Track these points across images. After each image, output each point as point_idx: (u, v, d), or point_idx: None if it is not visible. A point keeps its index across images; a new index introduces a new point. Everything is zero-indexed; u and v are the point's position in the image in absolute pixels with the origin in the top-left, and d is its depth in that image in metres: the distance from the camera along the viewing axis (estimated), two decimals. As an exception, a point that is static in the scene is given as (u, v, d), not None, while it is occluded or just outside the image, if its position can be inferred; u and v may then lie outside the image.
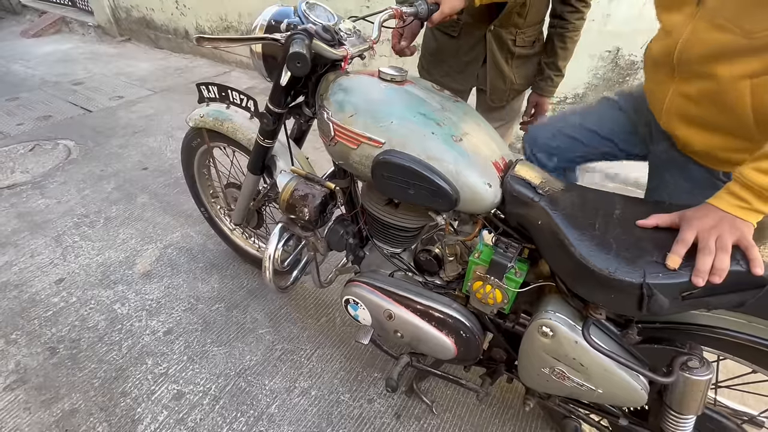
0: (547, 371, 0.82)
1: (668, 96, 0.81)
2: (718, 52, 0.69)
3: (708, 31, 0.69)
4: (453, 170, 0.78)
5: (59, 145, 2.62)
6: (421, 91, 0.88)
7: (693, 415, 0.75)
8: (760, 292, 0.59)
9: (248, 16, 3.66)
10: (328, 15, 0.93)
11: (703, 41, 0.70)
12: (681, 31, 0.74)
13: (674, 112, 0.82)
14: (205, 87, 1.14)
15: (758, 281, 0.59)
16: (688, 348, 0.71)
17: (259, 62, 0.99)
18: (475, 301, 0.91)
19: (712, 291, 0.62)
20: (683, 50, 0.74)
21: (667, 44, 0.77)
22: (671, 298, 0.64)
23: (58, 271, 1.69)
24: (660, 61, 0.81)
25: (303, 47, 0.79)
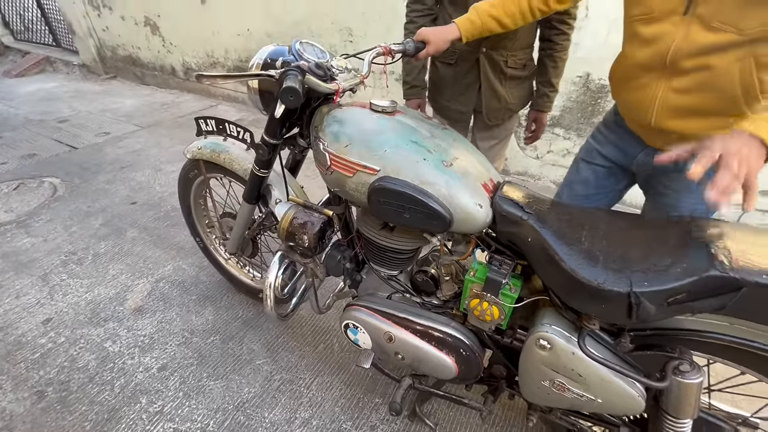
0: (548, 384, 0.84)
1: (659, 95, 0.89)
2: (713, 48, 0.78)
3: (703, 33, 0.78)
4: (445, 193, 0.82)
5: (44, 183, 2.59)
6: (411, 121, 0.93)
7: (689, 418, 0.77)
8: (737, 295, 0.64)
9: (234, 52, 3.77)
10: (321, 53, 0.99)
11: (697, 42, 0.79)
12: (672, 36, 0.82)
13: (667, 108, 0.89)
14: (203, 120, 1.18)
15: (736, 284, 0.64)
16: (678, 352, 0.75)
17: (256, 97, 1.04)
18: (473, 319, 0.93)
19: (695, 296, 0.67)
20: (678, 51, 0.82)
21: (657, 49, 0.85)
22: (657, 304, 0.68)
23: (46, 311, 1.65)
24: (649, 65, 0.89)
25: (296, 82, 0.84)
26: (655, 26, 0.85)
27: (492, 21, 1.07)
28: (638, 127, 1.02)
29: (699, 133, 0.89)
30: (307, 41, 0.98)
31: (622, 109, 1.05)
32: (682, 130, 0.91)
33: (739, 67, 0.78)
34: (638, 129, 1.02)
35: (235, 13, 3.48)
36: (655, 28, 0.85)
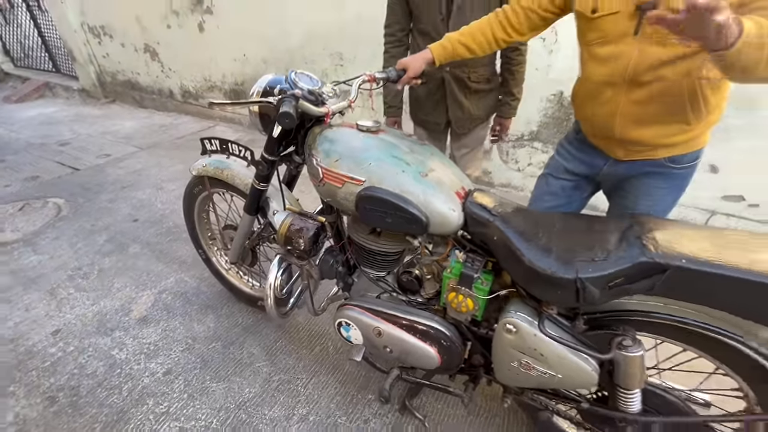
0: (516, 365, 0.95)
1: (620, 108, 1.02)
2: (665, 61, 0.91)
3: (656, 48, 0.91)
4: (422, 200, 0.96)
5: (49, 204, 2.70)
6: (393, 138, 1.07)
7: (637, 389, 0.89)
8: (663, 277, 0.77)
9: (231, 76, 3.94)
10: (314, 81, 1.14)
11: (652, 56, 0.92)
12: (630, 54, 0.95)
13: (628, 119, 1.02)
14: (208, 141, 1.31)
15: (661, 267, 0.77)
16: (622, 331, 0.87)
17: (256, 119, 1.17)
18: (452, 311, 1.05)
19: (630, 279, 0.79)
20: (636, 66, 0.95)
21: (616, 66, 0.98)
22: (600, 288, 0.81)
23: (54, 323, 1.73)
24: (610, 81, 1.01)
25: (290, 108, 0.98)
26: (611, 47, 0.99)
27: (461, 47, 1.22)
28: (602, 140, 1.14)
29: (656, 141, 1.03)
30: (302, 71, 1.13)
31: (586, 126, 1.19)
32: (642, 138, 1.04)
33: (686, 78, 0.92)
34: (602, 142, 1.15)
35: (232, 40, 3.68)
36: (612, 49, 0.98)
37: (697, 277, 0.74)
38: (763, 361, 0.78)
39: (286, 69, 3.26)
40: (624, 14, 0.93)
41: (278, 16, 3.27)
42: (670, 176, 1.09)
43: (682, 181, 1.13)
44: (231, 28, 3.63)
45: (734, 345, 0.80)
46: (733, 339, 0.79)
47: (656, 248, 0.78)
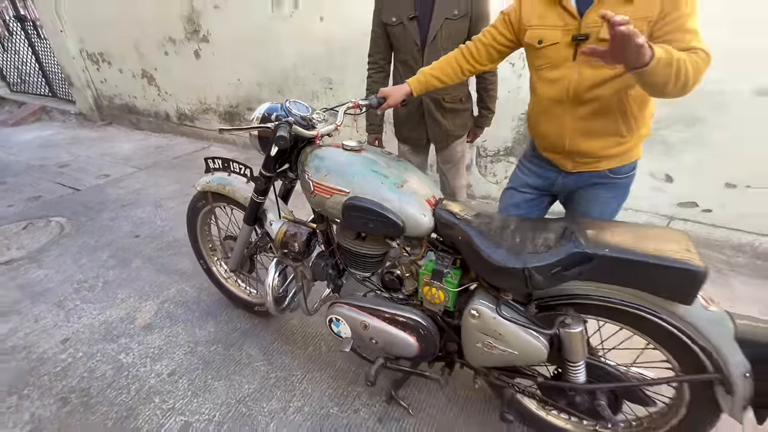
0: (481, 345, 1.12)
1: (567, 123, 1.21)
2: (599, 82, 1.11)
3: (590, 71, 1.11)
4: (399, 207, 1.13)
5: (52, 222, 2.82)
6: (373, 156, 1.25)
7: (580, 360, 1.06)
8: (589, 264, 0.95)
9: (225, 99, 4.15)
10: (305, 108, 1.32)
11: (588, 78, 1.12)
12: (570, 77, 1.14)
13: (576, 133, 1.21)
14: (212, 160, 1.49)
15: (588, 256, 0.95)
16: (564, 311, 1.05)
17: (256, 141, 1.35)
18: (427, 303, 1.22)
19: (566, 267, 0.97)
20: (576, 86, 1.14)
21: (561, 87, 1.17)
22: (543, 275, 0.98)
23: (63, 332, 1.85)
24: (558, 99, 1.20)
25: (285, 132, 1.16)
26: (556, 71, 1.18)
27: (434, 79, 1.43)
28: (554, 154, 1.33)
29: (599, 153, 1.22)
30: (295, 100, 1.32)
31: (540, 142, 1.38)
32: (587, 150, 1.22)
33: (617, 97, 1.12)
34: (554, 156, 1.34)
35: (227, 65, 3.90)
36: (557, 72, 1.18)
37: (617, 263, 0.92)
38: (676, 331, 0.96)
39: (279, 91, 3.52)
40: (563, 44, 1.13)
41: (271, 45, 3.50)
42: (613, 186, 1.29)
43: (624, 189, 1.33)
44: (226, 55, 3.85)
45: (653, 319, 0.98)
46: (650, 314, 0.97)
47: (586, 241, 0.96)
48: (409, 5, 1.64)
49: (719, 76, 2.06)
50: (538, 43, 1.18)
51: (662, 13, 0.98)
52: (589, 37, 1.08)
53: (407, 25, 1.66)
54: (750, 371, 0.91)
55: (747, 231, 2.30)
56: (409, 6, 1.64)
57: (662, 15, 0.98)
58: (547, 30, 1.15)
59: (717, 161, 2.22)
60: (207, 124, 4.49)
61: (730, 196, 2.26)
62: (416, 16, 1.64)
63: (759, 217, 2.24)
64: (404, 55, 1.76)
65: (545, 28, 1.15)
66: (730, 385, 0.94)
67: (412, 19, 1.64)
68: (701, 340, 0.95)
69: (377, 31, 1.80)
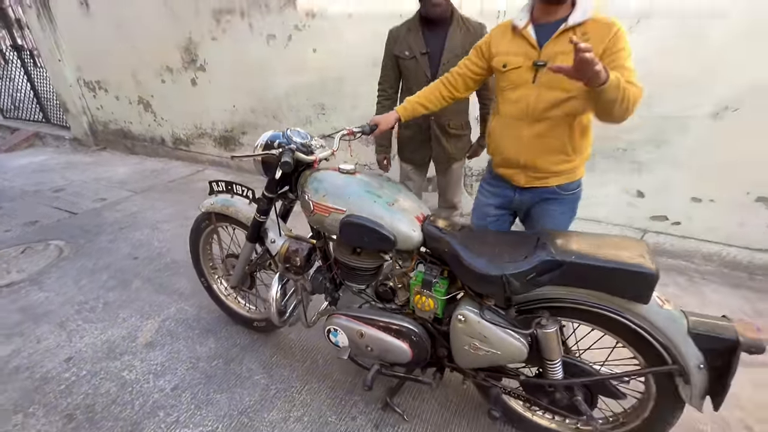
0: (468, 347, 1.22)
1: (524, 140, 1.37)
2: (553, 104, 1.28)
3: (545, 93, 1.28)
4: (390, 223, 1.26)
5: (50, 246, 2.87)
6: (366, 178, 1.39)
7: (557, 358, 1.18)
8: (559, 270, 1.08)
9: (221, 124, 4.29)
10: (305, 135, 1.46)
11: (544, 99, 1.29)
12: (529, 97, 1.32)
13: (531, 148, 1.37)
14: (216, 183, 1.61)
15: (558, 263, 1.08)
16: (540, 314, 1.17)
17: (259, 166, 1.48)
18: (418, 311, 1.33)
19: (540, 273, 1.10)
20: (534, 106, 1.31)
21: (521, 105, 1.34)
22: (520, 282, 1.11)
23: (66, 352, 1.90)
24: (518, 116, 1.37)
25: (289, 157, 1.29)
26: (518, 91, 1.36)
27: (419, 106, 1.59)
28: (509, 169, 1.48)
29: (548, 168, 1.39)
30: (295, 128, 1.45)
31: (497, 158, 1.52)
32: (538, 165, 1.39)
33: (566, 120, 1.31)
34: (509, 171, 1.48)
35: (223, 92, 4.06)
36: (518, 93, 1.36)
37: (582, 268, 1.06)
38: (637, 329, 1.09)
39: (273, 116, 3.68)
40: (524, 68, 1.32)
41: (266, 74, 3.68)
42: (562, 201, 1.47)
43: (572, 204, 1.51)
44: (222, 83, 4.02)
45: (618, 318, 1.10)
46: (615, 313, 1.10)
47: (556, 250, 1.10)
48: (421, 42, 1.86)
49: (681, 104, 2.28)
50: (503, 66, 1.37)
51: (607, 50, 1.18)
52: (546, 63, 1.27)
53: (419, 60, 1.88)
54: (703, 362, 1.04)
55: (714, 241, 2.48)
56: (421, 43, 1.86)
57: (607, 52, 1.18)
58: (511, 57, 1.34)
59: (682, 178, 2.42)
60: (202, 148, 4.62)
61: (697, 210, 2.45)
62: (428, 52, 1.85)
63: (723, 228, 2.43)
64: (412, 85, 1.93)
65: (510, 55, 1.35)
66: (687, 376, 1.06)
67: (424, 54, 1.86)
68: (659, 336, 1.08)
69: (388, 63, 2.00)
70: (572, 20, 1.22)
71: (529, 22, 1.30)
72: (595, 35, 1.20)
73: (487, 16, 2.42)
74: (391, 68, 1.99)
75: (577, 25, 1.22)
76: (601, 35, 1.19)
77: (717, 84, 2.17)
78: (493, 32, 1.43)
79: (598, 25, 1.21)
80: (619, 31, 1.19)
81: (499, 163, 1.51)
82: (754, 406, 1.60)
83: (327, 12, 3.09)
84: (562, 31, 1.24)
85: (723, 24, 2.06)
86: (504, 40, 1.37)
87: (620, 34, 1.19)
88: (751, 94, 2.12)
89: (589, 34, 1.21)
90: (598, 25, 1.21)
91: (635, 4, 2.18)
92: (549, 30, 1.27)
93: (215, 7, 3.62)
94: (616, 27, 1.19)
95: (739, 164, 2.26)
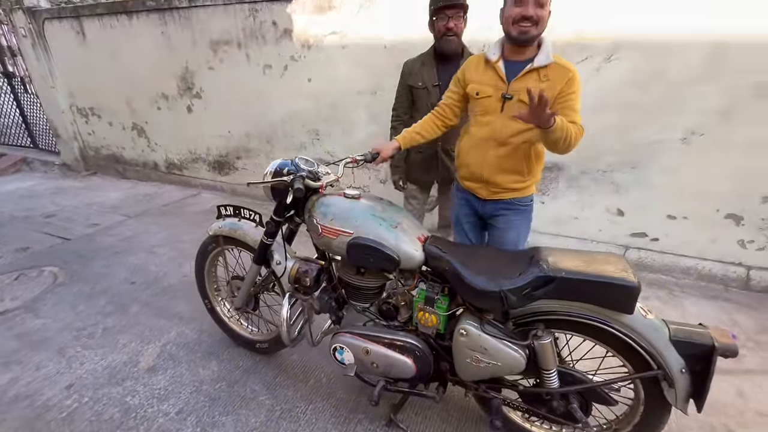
0: (470, 360, 1.30)
1: (489, 159, 1.56)
2: (516, 132, 1.48)
3: (509, 122, 1.47)
4: (394, 244, 1.35)
5: (44, 272, 2.85)
6: (371, 202, 1.49)
7: (553, 368, 1.26)
8: (552, 285, 1.18)
9: (216, 150, 4.37)
10: (311, 163, 1.56)
11: (508, 127, 1.49)
12: (496, 123, 1.51)
13: (494, 167, 1.57)
14: (224, 207, 1.68)
15: (550, 278, 1.18)
16: (536, 326, 1.26)
17: (268, 191, 1.56)
18: (421, 327, 1.41)
19: (534, 288, 1.20)
20: (501, 131, 1.50)
21: (489, 130, 1.54)
22: (517, 296, 1.20)
23: (66, 379, 1.89)
24: (486, 138, 1.55)
25: (300, 184, 1.38)
26: (487, 116, 1.56)
27: (416, 135, 1.73)
28: (474, 183, 1.68)
29: (506, 185, 1.60)
30: (302, 157, 1.55)
31: (464, 172, 1.71)
32: (498, 181, 1.60)
33: (524, 146, 1.51)
34: (474, 185, 1.68)
35: (219, 118, 4.16)
36: (488, 118, 1.55)
37: (572, 283, 1.16)
38: (624, 337, 1.19)
39: (267, 141, 3.80)
40: (494, 98, 1.51)
41: (262, 101, 3.81)
42: (518, 211, 1.67)
43: (528, 214, 1.73)
44: (217, 110, 4.13)
45: (606, 328, 1.20)
46: (603, 323, 1.20)
47: (548, 266, 1.20)
48: (434, 75, 2.06)
49: (653, 129, 2.48)
50: (476, 94, 1.56)
51: (562, 91, 1.40)
52: (513, 97, 1.47)
53: (431, 90, 2.07)
54: (685, 367, 1.14)
55: (690, 256, 2.64)
56: (434, 76, 2.06)
57: (562, 93, 1.40)
58: (483, 86, 1.53)
59: (658, 197, 2.59)
60: (196, 172, 4.67)
61: (672, 227, 2.61)
62: (439, 84, 2.04)
63: (697, 244, 2.60)
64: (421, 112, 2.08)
65: (483, 84, 1.54)
66: (671, 380, 1.16)
67: (436, 86, 2.05)
68: (644, 343, 1.18)
69: (402, 91, 2.20)
70: (537, 62, 1.43)
71: (501, 58, 1.50)
72: (554, 77, 1.41)
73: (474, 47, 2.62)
74: (405, 96, 2.19)
75: (542, 67, 1.42)
76: (559, 78, 1.41)
77: (685, 111, 2.37)
78: (468, 62, 1.62)
79: (558, 69, 1.42)
80: (574, 76, 1.41)
81: (465, 176, 1.69)
82: (736, 411, 1.71)
83: (323, 43, 3.26)
84: (527, 71, 1.43)
85: (686, 58, 2.28)
86: (478, 70, 1.56)
87: (574, 79, 1.41)
88: (715, 120, 2.33)
89: (549, 76, 1.42)
90: (558, 68, 1.42)
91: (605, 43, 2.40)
92: (517, 68, 1.46)
93: (213, 38, 3.77)
94: (571, 73, 1.42)
95: (707, 184, 2.45)
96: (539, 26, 1.39)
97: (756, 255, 2.49)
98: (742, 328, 2.23)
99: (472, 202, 1.74)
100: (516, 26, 1.39)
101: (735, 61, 2.20)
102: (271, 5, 3.36)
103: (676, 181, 2.52)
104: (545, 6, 1.37)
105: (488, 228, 1.78)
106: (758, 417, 1.68)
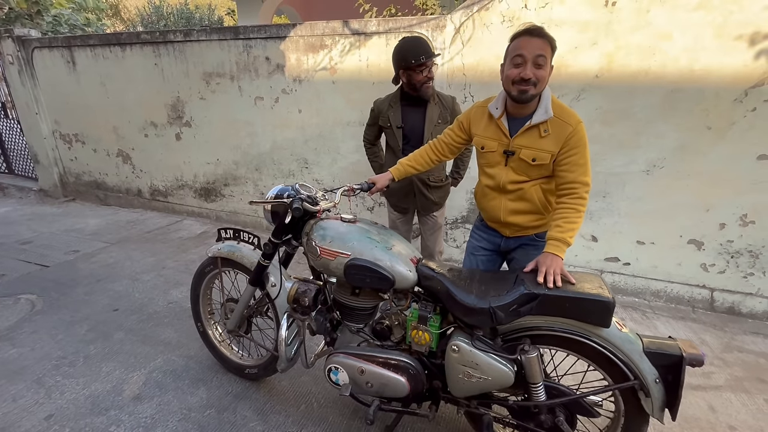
0: (461, 375, 1.37)
1: (502, 204, 1.63)
2: (520, 182, 1.54)
3: (513, 175, 1.55)
4: (389, 265, 1.43)
5: (21, 300, 2.76)
6: (366, 226, 1.58)
7: (540, 381, 1.34)
8: (535, 302, 1.28)
9: (203, 177, 4.40)
10: (310, 189, 1.65)
11: (512, 178, 1.55)
12: (501, 175, 1.58)
13: (508, 212, 1.62)
14: (224, 230, 1.74)
15: (534, 296, 1.28)
16: (522, 341, 1.35)
17: (268, 214, 1.63)
18: (414, 345, 1.47)
19: (520, 305, 1.30)
20: (505, 182, 1.57)
21: (495, 181, 1.60)
22: (505, 312, 1.30)
23: (46, 409, 1.82)
24: (493, 189, 1.63)
25: (299, 204, 1.47)
26: (493, 168, 1.63)
27: (410, 168, 1.84)
28: (495, 224, 1.74)
29: (525, 224, 1.64)
30: (302, 183, 1.64)
31: (485, 214, 1.79)
32: (517, 222, 1.65)
33: (536, 190, 1.57)
34: (495, 225, 1.75)
35: (208, 146, 4.23)
36: (493, 170, 1.63)
37: (555, 299, 1.27)
38: (602, 349, 1.29)
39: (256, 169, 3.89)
40: (498, 153, 1.59)
41: (252, 130, 3.92)
42: (539, 246, 1.70)
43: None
44: (207, 137, 4.20)
45: (586, 342, 1.30)
46: (584, 337, 1.30)
47: (532, 285, 1.31)
48: (398, 118, 2.20)
49: (619, 161, 2.70)
50: (481, 148, 1.64)
51: (564, 147, 1.44)
52: (515, 153, 1.53)
53: (395, 132, 2.22)
54: (658, 377, 1.25)
55: (659, 279, 2.82)
56: (398, 118, 2.20)
57: (564, 148, 1.44)
58: (487, 140, 1.60)
59: (626, 224, 2.79)
60: (181, 199, 4.66)
61: (642, 252, 2.80)
62: (402, 126, 2.20)
63: (665, 267, 2.78)
64: (390, 142, 2.31)
65: (486, 138, 1.61)
66: (647, 389, 1.26)
67: (399, 128, 2.20)
68: (621, 355, 1.28)
69: (371, 123, 2.36)
70: (536, 119, 1.46)
71: (503, 113, 1.55)
72: (555, 132, 1.45)
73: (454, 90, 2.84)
74: (373, 129, 2.37)
75: (541, 123, 1.47)
76: (560, 133, 1.44)
77: (648, 145, 2.62)
78: (473, 111, 1.67)
79: (558, 123, 1.43)
80: (575, 131, 1.41)
81: (487, 218, 1.76)
82: (708, 425, 1.81)
83: (314, 78, 3.44)
84: (527, 128, 1.49)
85: (647, 98, 2.55)
86: (482, 123, 1.63)
87: (575, 134, 1.41)
88: (673, 154, 2.58)
89: (549, 131, 1.46)
90: (559, 123, 1.43)
91: (576, 82, 2.66)
92: (518, 123, 1.52)
93: (206, 70, 3.91)
94: (572, 128, 1.41)
95: (670, 211, 2.67)
96: (538, 86, 1.40)
97: (717, 278, 2.69)
98: (710, 347, 2.38)
99: (494, 238, 1.76)
100: (515, 86, 1.41)
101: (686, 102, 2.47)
102: (265, 42, 3.54)
103: (642, 209, 2.73)
104: (544, 66, 1.38)
105: (508, 260, 1.83)
106: (729, 430, 1.79)
